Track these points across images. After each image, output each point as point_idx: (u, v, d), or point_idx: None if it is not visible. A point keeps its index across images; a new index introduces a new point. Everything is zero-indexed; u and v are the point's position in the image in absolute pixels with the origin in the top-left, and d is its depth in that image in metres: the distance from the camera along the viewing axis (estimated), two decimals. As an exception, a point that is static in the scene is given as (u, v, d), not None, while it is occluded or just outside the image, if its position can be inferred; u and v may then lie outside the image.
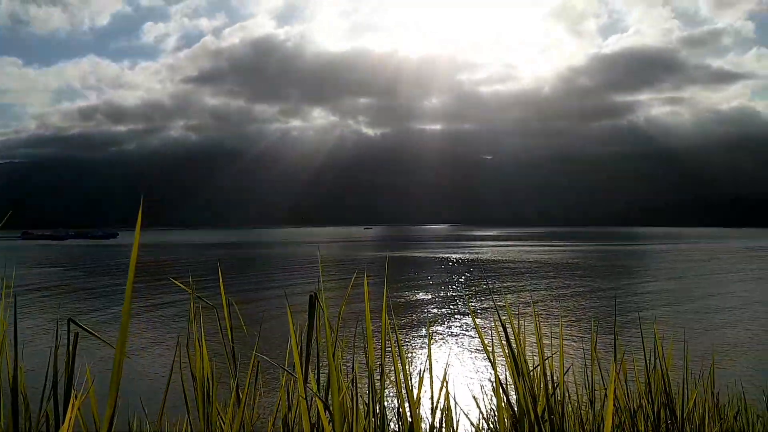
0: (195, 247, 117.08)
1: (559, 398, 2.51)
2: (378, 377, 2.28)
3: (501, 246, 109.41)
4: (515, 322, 2.54)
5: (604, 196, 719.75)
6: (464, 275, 51.23)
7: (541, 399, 2.37)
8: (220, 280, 2.40)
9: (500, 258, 75.39)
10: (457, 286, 41.92)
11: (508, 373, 2.42)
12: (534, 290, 39.64)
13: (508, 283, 44.02)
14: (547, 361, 2.46)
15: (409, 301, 34.08)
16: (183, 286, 2.38)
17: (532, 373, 2.44)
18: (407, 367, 2.23)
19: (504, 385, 2.37)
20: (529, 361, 2.48)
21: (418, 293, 37.55)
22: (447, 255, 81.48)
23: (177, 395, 2.24)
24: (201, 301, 2.32)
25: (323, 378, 2.20)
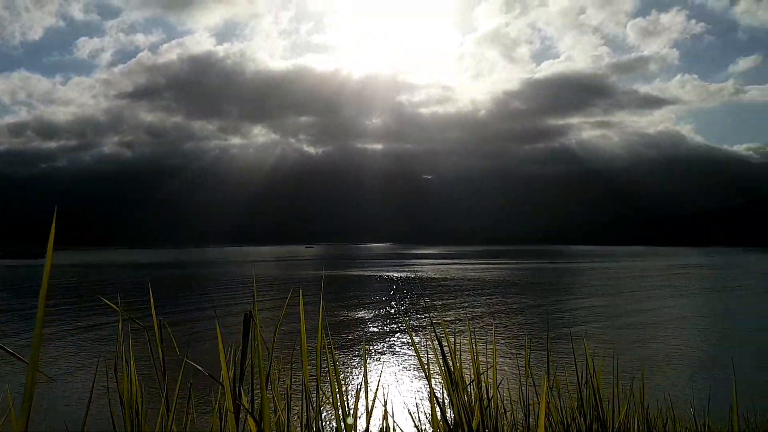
0: (128, 267, 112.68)
1: (494, 412, 2.54)
2: (315, 396, 2.26)
3: (441, 264, 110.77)
4: (452, 338, 2.58)
5: (539, 215, 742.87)
6: (404, 293, 51.49)
7: (476, 413, 2.41)
8: (151, 301, 2.32)
9: (440, 276, 76.28)
10: (396, 304, 42.06)
11: (443, 388, 2.42)
12: (471, 307, 40.27)
13: (447, 301, 44.54)
14: (483, 376, 2.50)
15: (349, 320, 33.91)
16: (113, 305, 2.29)
17: (468, 387, 2.46)
18: (343, 385, 2.20)
19: (440, 400, 2.38)
20: (466, 377, 2.51)
21: (359, 311, 37.43)
22: (388, 273, 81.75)
23: (105, 419, 2.17)
24: (131, 322, 2.27)
25: (259, 397, 2.13)
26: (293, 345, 2.22)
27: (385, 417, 2.52)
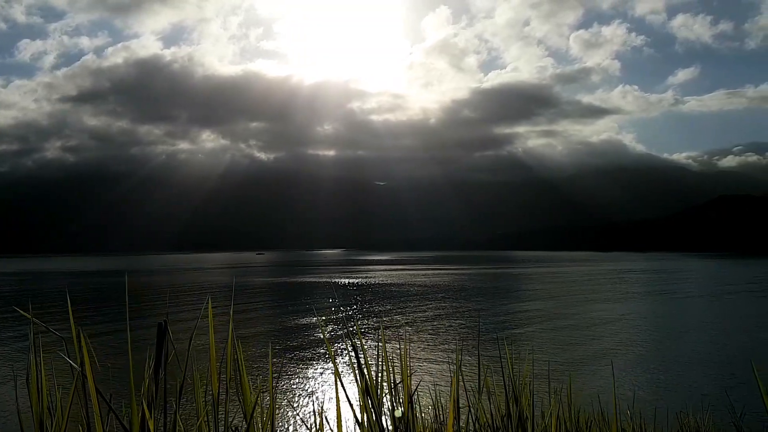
0: (68, 275, 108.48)
1: (419, 415, 2.60)
2: (235, 406, 2.24)
3: (392, 270, 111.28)
4: (383, 345, 2.64)
5: (489, 221, 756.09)
6: (351, 299, 51.50)
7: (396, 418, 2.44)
8: (69, 310, 2.34)
9: (390, 281, 76.65)
10: (340, 310, 42.05)
11: (358, 397, 2.43)
12: (413, 312, 40.68)
13: (387, 307, 44.81)
14: (408, 381, 2.53)
15: (294, 326, 33.70)
16: (26, 314, 2.26)
17: (394, 391, 2.46)
18: (252, 396, 2.18)
19: (354, 405, 2.40)
20: (395, 380, 2.52)
21: (304, 318, 37.22)
22: (339, 280, 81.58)
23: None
24: (49, 332, 2.15)
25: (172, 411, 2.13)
26: (220, 356, 2.21)
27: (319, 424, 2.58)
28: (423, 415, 2.78)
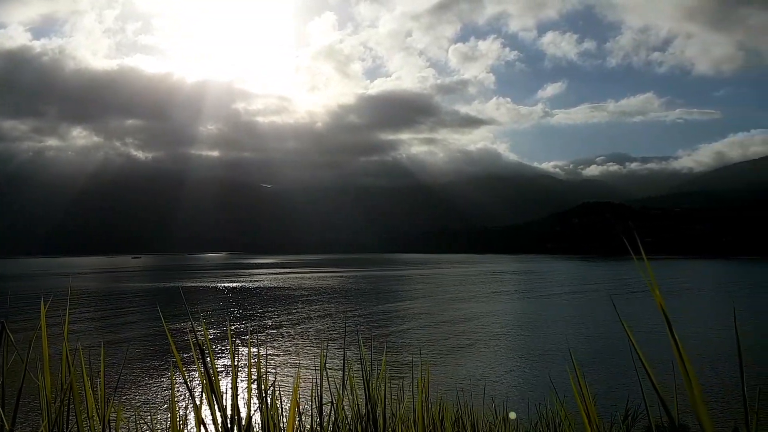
0: None
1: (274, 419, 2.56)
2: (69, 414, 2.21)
3: (278, 273, 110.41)
4: (257, 346, 3.20)
5: (375, 225, 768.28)
6: (228, 303, 51.08)
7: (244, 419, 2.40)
8: None
9: (274, 285, 76.34)
10: (211, 315, 41.78)
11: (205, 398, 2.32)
12: (291, 314, 41.44)
13: (268, 309, 45.17)
14: (280, 379, 2.85)
15: (155, 333, 33.17)
16: None
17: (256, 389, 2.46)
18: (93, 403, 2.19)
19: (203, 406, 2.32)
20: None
21: (174, 324, 36.64)
22: (219, 284, 79.87)
23: None
24: None
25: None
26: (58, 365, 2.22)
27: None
28: (281, 412, 2.63)
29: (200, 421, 2.23)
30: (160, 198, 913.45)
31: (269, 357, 25.29)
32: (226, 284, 79.31)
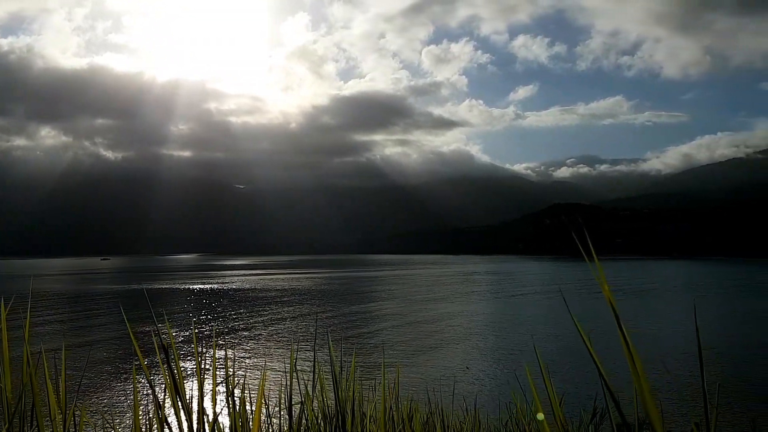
0: None
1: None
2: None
3: (251, 275, 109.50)
4: (232, 348, 3.20)
5: (349, 226, 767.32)
6: (198, 306, 50.53)
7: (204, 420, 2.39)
8: None
9: (247, 287, 75.71)
10: (185, 318, 41.33)
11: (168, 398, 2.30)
12: (261, 316, 41.20)
13: (238, 311, 44.82)
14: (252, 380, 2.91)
15: (121, 336, 32.70)
16: None
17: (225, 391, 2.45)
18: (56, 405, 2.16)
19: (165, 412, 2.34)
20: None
21: (140, 327, 36.10)
22: (192, 286, 78.88)
23: None
24: None
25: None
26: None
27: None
28: (251, 412, 2.57)
29: (162, 422, 2.21)
30: (131, 199, 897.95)
31: (238, 359, 25.08)
32: (196, 286, 78.40)
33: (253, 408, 2.39)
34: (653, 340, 29.78)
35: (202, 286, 77.14)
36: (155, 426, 2.26)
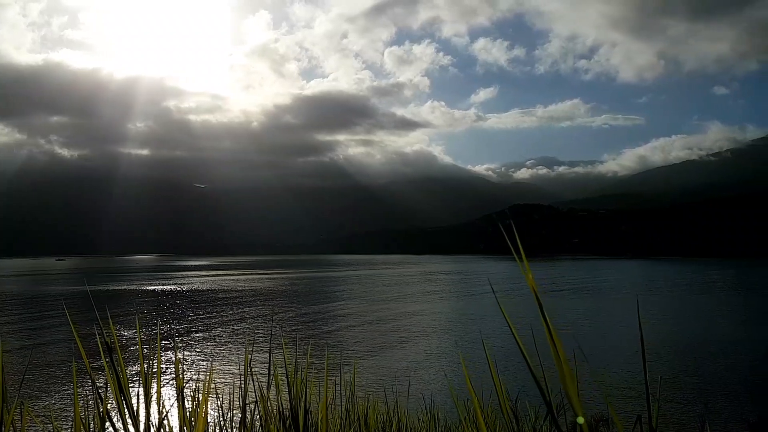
0: None
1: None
2: None
3: (210, 276, 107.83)
4: (184, 349, 3.24)
5: (313, 226, 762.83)
6: (152, 307, 49.58)
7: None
8: None
9: (206, 288, 74.52)
10: (137, 319, 40.53)
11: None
12: (218, 317, 40.73)
13: (197, 313, 44.19)
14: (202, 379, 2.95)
15: (65, 338, 31.89)
16: None
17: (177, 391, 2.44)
18: None
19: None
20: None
21: (88, 328, 35.23)
22: (148, 287, 77.22)
23: None
24: None
25: None
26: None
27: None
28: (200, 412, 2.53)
29: (104, 421, 2.18)
30: (87, 198, 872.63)
31: (193, 360, 24.71)
32: (153, 287, 76.77)
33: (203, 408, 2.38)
34: (601, 335, 30.63)
35: (159, 288, 75.57)
36: (97, 428, 2.24)
